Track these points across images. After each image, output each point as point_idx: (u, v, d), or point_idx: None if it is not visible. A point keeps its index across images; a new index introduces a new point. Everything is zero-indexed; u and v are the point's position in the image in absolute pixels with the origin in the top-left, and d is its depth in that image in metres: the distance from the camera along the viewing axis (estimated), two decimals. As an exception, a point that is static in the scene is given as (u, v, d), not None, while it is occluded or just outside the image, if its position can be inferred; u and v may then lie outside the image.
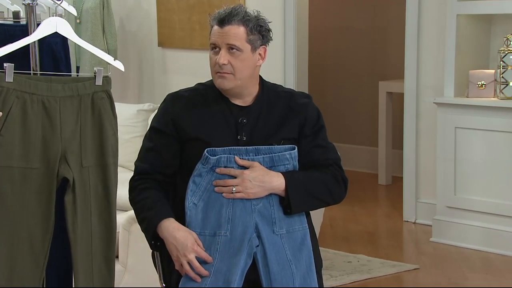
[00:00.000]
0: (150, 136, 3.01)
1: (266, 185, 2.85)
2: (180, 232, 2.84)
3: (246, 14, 2.92)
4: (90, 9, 6.68)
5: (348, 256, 5.32)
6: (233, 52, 2.90)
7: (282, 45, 6.41)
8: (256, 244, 2.83)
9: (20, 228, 2.88)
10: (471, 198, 5.49)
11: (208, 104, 2.97)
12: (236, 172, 2.85)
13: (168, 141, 2.96)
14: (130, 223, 4.09)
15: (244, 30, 2.90)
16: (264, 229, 2.84)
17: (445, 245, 5.56)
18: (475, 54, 5.70)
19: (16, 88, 2.84)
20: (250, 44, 2.91)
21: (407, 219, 6.14)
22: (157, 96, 7.14)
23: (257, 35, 2.93)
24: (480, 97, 5.47)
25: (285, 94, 3.04)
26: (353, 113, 8.01)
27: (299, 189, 2.88)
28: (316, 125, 3.01)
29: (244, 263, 2.81)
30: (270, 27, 2.98)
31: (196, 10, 6.98)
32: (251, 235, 2.83)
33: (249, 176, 2.84)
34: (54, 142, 2.88)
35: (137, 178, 2.98)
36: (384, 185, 7.34)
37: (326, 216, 5.60)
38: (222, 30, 2.90)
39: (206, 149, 2.86)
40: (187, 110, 2.96)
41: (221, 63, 2.89)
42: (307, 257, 2.89)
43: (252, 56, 2.93)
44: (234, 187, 2.84)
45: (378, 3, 7.81)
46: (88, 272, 2.95)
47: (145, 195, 2.92)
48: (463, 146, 5.49)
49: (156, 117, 3.02)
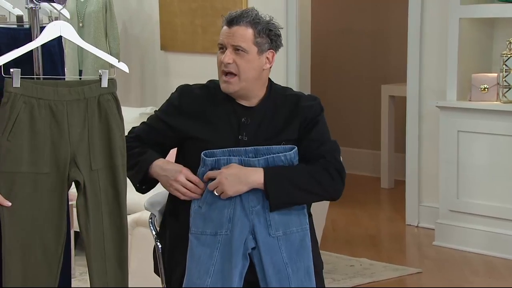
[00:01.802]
0: (155, 114, 3.11)
1: (243, 179, 2.83)
2: (170, 164, 2.98)
3: (256, 17, 2.96)
4: (92, 13, 6.68)
5: (350, 259, 5.31)
6: (239, 52, 2.92)
7: (285, 48, 6.38)
8: (252, 246, 2.85)
9: (33, 235, 2.87)
10: (474, 201, 5.47)
11: (215, 103, 3.01)
12: (214, 174, 2.87)
13: (164, 127, 3.05)
14: (132, 226, 4.12)
15: (252, 32, 2.93)
16: (260, 231, 2.85)
17: (448, 249, 5.54)
18: (478, 58, 5.70)
19: (24, 93, 2.84)
20: (257, 46, 2.94)
21: (409, 223, 6.13)
22: (159, 99, 7.05)
23: (265, 38, 2.96)
24: (483, 100, 5.45)
25: (292, 97, 3.06)
26: (355, 116, 8.00)
27: (279, 180, 2.84)
28: (313, 121, 3.00)
29: (242, 265, 2.83)
30: (280, 32, 3.01)
31: (199, 13, 6.98)
32: (247, 236, 2.84)
33: (225, 174, 2.84)
34: (63, 146, 2.88)
35: (127, 136, 3.02)
36: (386, 188, 7.34)
37: (329, 220, 5.59)
38: (230, 30, 2.94)
39: (202, 152, 2.89)
40: (192, 106, 3.01)
41: (226, 62, 2.92)
42: (305, 259, 2.88)
43: (258, 58, 2.95)
44: (216, 190, 2.86)
45: (380, 6, 7.81)
46: (102, 273, 2.94)
47: (134, 145, 3.03)
48: (465, 149, 5.47)
49: (164, 103, 3.11)
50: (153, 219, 3.16)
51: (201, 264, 2.85)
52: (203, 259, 2.86)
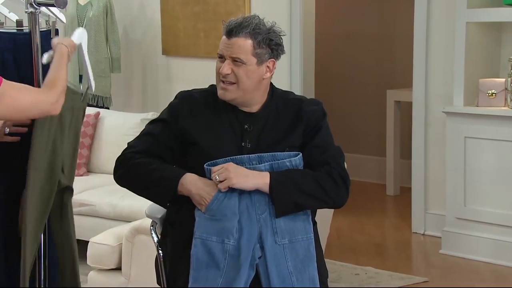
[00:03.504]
0: (153, 123, 3.05)
1: (250, 176, 2.83)
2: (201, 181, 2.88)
3: (256, 26, 2.93)
4: (93, 17, 6.67)
5: (355, 268, 5.30)
6: (237, 63, 2.91)
7: (288, 53, 6.37)
8: (258, 255, 2.83)
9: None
10: (481, 209, 5.45)
11: (216, 109, 3.00)
12: (220, 167, 2.86)
13: (169, 134, 2.98)
14: (133, 234, 4.10)
15: (251, 43, 2.91)
16: (267, 239, 2.84)
17: (454, 258, 5.53)
18: (485, 63, 5.67)
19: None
20: (256, 57, 2.93)
21: (415, 231, 6.11)
22: (161, 105, 7.05)
23: (265, 49, 2.94)
24: (490, 106, 5.44)
25: (294, 102, 3.05)
26: (361, 122, 8.01)
27: (284, 183, 2.84)
28: (316, 126, 2.99)
29: (247, 275, 2.81)
30: (282, 39, 2.98)
31: (201, 17, 6.97)
32: (255, 245, 2.83)
33: (231, 166, 2.84)
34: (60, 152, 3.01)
35: (131, 152, 2.98)
36: (392, 195, 7.33)
37: (333, 227, 5.61)
38: (229, 41, 2.93)
39: (205, 164, 2.88)
40: (194, 112, 2.99)
41: (224, 73, 2.92)
42: (310, 268, 2.87)
43: (258, 68, 2.94)
44: (218, 175, 2.83)
45: (386, 10, 7.82)
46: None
47: (149, 161, 2.94)
48: (473, 156, 5.45)
49: (164, 111, 3.06)
50: (154, 226, 3.14)
51: (208, 274, 2.82)
52: (211, 269, 2.83)
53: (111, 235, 4.29)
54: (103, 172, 5.69)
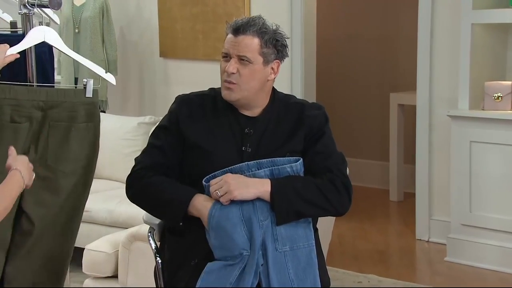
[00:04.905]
0: (156, 134, 3.03)
1: (250, 185, 2.81)
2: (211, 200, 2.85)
3: (263, 26, 2.93)
4: (89, 18, 6.65)
5: (358, 276, 5.27)
6: (244, 62, 2.90)
7: (289, 55, 6.30)
8: (261, 262, 2.82)
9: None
10: (487, 215, 5.41)
11: (216, 112, 2.99)
12: (218, 179, 2.85)
13: (174, 140, 2.97)
14: (130, 241, 4.10)
15: (258, 42, 2.92)
16: (269, 246, 2.82)
17: (460, 265, 5.51)
18: (491, 65, 5.65)
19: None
20: (262, 57, 2.93)
21: (420, 237, 6.09)
22: (158, 108, 7.19)
23: (271, 49, 2.95)
24: (496, 109, 5.42)
25: (296, 106, 3.04)
26: (363, 126, 8.02)
27: (286, 190, 2.83)
28: (318, 132, 2.99)
29: (251, 284, 2.79)
30: (286, 42, 3.00)
31: (200, 19, 6.97)
32: (258, 252, 2.81)
33: (230, 177, 2.82)
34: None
35: (140, 169, 2.96)
36: (395, 201, 7.32)
37: (335, 234, 5.59)
38: (236, 39, 2.92)
39: (203, 179, 2.85)
40: (193, 115, 2.98)
41: (230, 72, 2.91)
42: (311, 276, 2.85)
43: (263, 69, 2.95)
44: (219, 190, 2.81)
45: (389, 11, 7.84)
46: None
47: (159, 180, 2.92)
48: (478, 160, 5.42)
49: (164, 117, 3.05)
50: (152, 233, 3.12)
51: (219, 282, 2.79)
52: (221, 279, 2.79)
53: (107, 242, 4.29)
54: (99, 178, 5.63)
